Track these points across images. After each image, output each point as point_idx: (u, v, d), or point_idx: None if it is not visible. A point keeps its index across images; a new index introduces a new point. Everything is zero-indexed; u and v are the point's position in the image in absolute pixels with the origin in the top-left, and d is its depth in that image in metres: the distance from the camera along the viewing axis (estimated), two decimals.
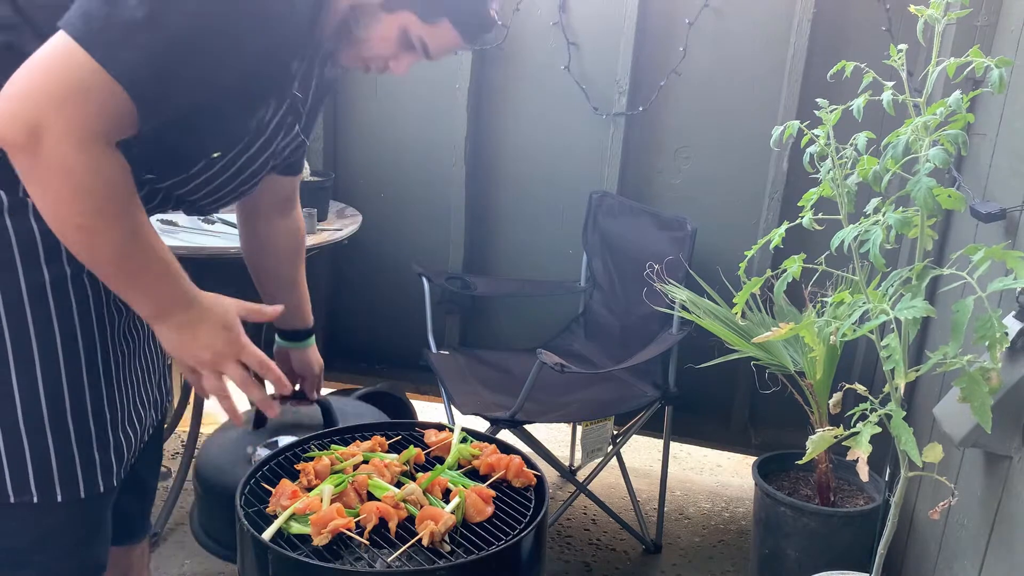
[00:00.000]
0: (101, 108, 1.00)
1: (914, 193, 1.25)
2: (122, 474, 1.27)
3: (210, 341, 1.18)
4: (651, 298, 2.42)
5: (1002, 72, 1.24)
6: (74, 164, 1.00)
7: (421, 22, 1.22)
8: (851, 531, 2.14)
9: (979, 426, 1.24)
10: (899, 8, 2.37)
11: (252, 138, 1.22)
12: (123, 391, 1.27)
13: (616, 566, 2.51)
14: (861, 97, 1.41)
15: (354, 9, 1.20)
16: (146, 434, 1.35)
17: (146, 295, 1.14)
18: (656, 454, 3.10)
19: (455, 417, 2.37)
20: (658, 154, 2.71)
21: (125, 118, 1.03)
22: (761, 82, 2.55)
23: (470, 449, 1.48)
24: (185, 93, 1.07)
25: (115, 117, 1.02)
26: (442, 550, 1.23)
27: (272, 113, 1.24)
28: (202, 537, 1.62)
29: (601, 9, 2.63)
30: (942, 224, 2.21)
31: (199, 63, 1.05)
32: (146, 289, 1.13)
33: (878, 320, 1.31)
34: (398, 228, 2.98)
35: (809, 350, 2.09)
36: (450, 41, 1.25)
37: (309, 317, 1.70)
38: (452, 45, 1.26)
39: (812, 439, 1.45)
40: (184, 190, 1.24)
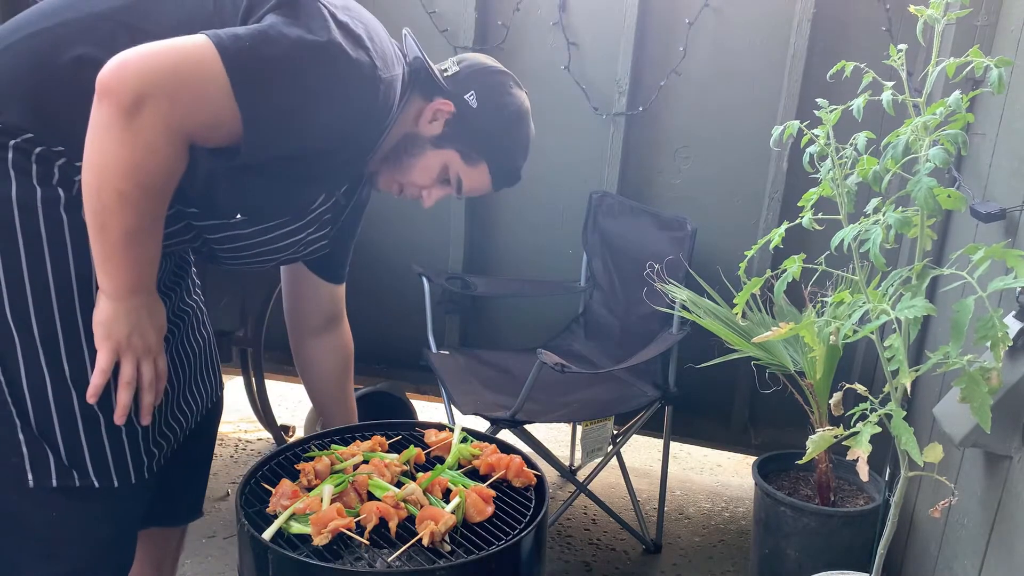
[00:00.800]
0: (208, 117, 1.10)
1: (914, 193, 1.25)
2: (154, 467, 1.31)
3: (144, 332, 1.23)
4: (651, 298, 2.42)
5: (1001, 72, 1.24)
6: (156, 147, 1.08)
7: (463, 162, 1.40)
8: (851, 531, 2.14)
9: (979, 426, 1.24)
10: (899, 8, 2.37)
11: (291, 219, 1.33)
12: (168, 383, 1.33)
13: (616, 566, 2.51)
14: (861, 97, 1.41)
15: (407, 137, 1.37)
16: (192, 422, 1.43)
17: (129, 270, 1.18)
18: (656, 454, 3.10)
19: (455, 417, 2.37)
20: (658, 154, 2.71)
21: (221, 133, 1.12)
22: (761, 82, 2.55)
23: (470, 449, 1.48)
24: (283, 145, 1.18)
25: (214, 128, 1.11)
26: (442, 550, 1.23)
27: (319, 204, 1.36)
28: None
29: (601, 9, 2.63)
30: (942, 224, 2.21)
31: (308, 122, 1.16)
32: (132, 265, 1.18)
33: (879, 321, 1.31)
34: (398, 228, 2.98)
35: (809, 350, 2.09)
36: (482, 184, 1.44)
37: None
38: (482, 188, 1.44)
39: (812, 439, 1.45)
40: (214, 236, 1.32)
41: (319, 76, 1.14)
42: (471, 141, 1.39)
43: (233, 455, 2.96)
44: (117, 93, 1.05)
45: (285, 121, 1.15)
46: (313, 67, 1.14)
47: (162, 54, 1.07)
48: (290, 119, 1.15)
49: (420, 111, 1.37)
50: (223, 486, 2.75)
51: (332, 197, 1.39)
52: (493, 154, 1.42)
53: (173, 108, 1.07)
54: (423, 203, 1.44)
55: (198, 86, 1.08)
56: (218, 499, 2.68)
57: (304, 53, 1.13)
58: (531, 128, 1.48)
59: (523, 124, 1.46)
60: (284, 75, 1.12)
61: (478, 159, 1.41)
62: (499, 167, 1.43)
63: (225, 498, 2.69)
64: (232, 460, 2.93)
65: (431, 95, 1.37)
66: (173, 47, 1.08)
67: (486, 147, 1.41)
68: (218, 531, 2.51)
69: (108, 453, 1.24)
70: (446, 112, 1.37)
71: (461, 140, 1.38)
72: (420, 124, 1.37)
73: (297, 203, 1.34)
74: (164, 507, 1.47)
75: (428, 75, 1.36)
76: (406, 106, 1.35)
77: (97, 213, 1.12)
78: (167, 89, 1.06)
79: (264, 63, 1.11)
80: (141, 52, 1.06)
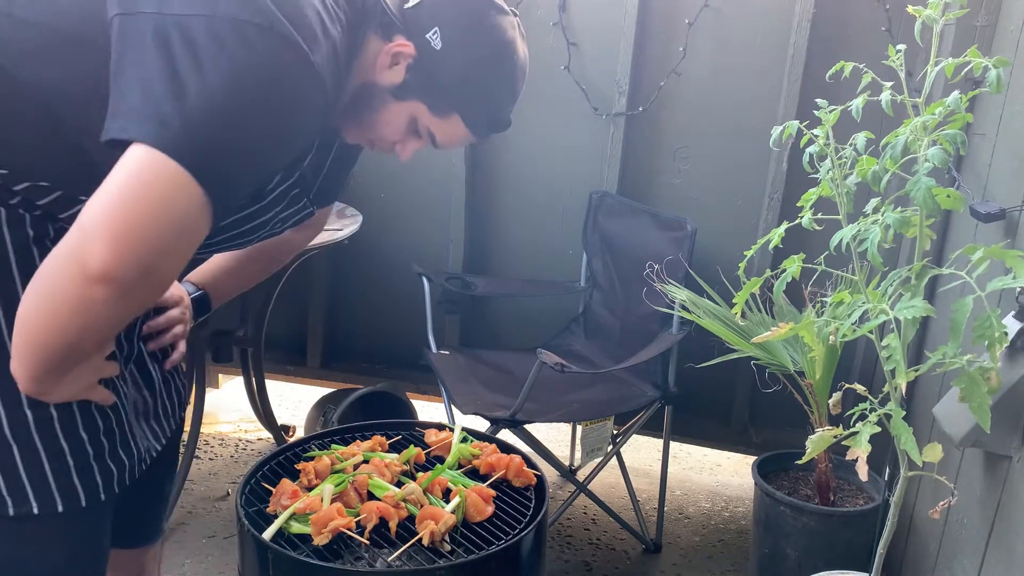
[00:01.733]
0: (200, 235, 0.97)
1: (913, 193, 1.26)
2: (126, 481, 1.22)
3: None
4: (651, 298, 2.42)
5: (1000, 72, 1.24)
6: (154, 297, 0.98)
7: (431, 113, 1.19)
8: (851, 531, 2.14)
9: (979, 426, 1.24)
10: (898, 8, 2.37)
11: (247, 202, 1.18)
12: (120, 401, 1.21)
13: (616, 566, 2.51)
14: (860, 97, 1.41)
15: (364, 88, 1.17)
16: (158, 444, 1.31)
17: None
18: (656, 454, 3.10)
19: (455, 417, 2.37)
20: (658, 154, 2.71)
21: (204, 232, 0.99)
22: (760, 82, 2.55)
23: (470, 449, 1.48)
24: (241, 199, 1.06)
25: (201, 238, 0.99)
26: (442, 550, 1.23)
27: (276, 183, 1.20)
28: None
29: (601, 9, 2.63)
30: (941, 224, 2.21)
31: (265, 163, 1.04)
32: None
33: (878, 320, 1.31)
34: (398, 228, 2.98)
35: (809, 350, 2.09)
36: (459, 135, 1.23)
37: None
38: (461, 139, 1.24)
39: (812, 439, 1.45)
40: None
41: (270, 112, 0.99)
42: (436, 91, 1.17)
43: (233, 455, 2.96)
44: (128, 270, 0.91)
45: (244, 180, 1.02)
46: (263, 111, 0.98)
47: (133, 205, 0.91)
48: (248, 175, 1.02)
49: (376, 54, 1.15)
50: (223, 486, 2.75)
51: (293, 174, 1.21)
52: (465, 104, 1.19)
53: (177, 259, 0.96)
54: (399, 158, 1.26)
55: (183, 219, 0.94)
56: (218, 499, 2.68)
57: (247, 102, 0.95)
58: (517, 65, 1.21)
59: (503, 64, 1.20)
60: (240, 139, 0.97)
61: (448, 110, 1.19)
62: (475, 118, 1.21)
63: (225, 498, 2.69)
64: (232, 460, 2.93)
65: (390, 34, 1.15)
66: (128, 186, 0.91)
67: (455, 97, 1.18)
68: (218, 531, 2.51)
69: (50, 477, 1.13)
70: (406, 55, 1.15)
71: (425, 90, 1.17)
72: (378, 71, 1.16)
73: (252, 192, 1.18)
74: (124, 528, 1.36)
75: (384, 10, 1.14)
76: (361, 51, 1.14)
77: (33, 353, 0.99)
78: (167, 244, 0.93)
79: (223, 144, 0.95)
80: (123, 221, 0.90)
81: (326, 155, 1.31)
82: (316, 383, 3.18)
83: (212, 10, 0.95)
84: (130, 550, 1.44)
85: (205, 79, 0.93)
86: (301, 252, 2.43)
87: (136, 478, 1.25)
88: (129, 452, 1.22)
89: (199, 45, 0.94)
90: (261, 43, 0.96)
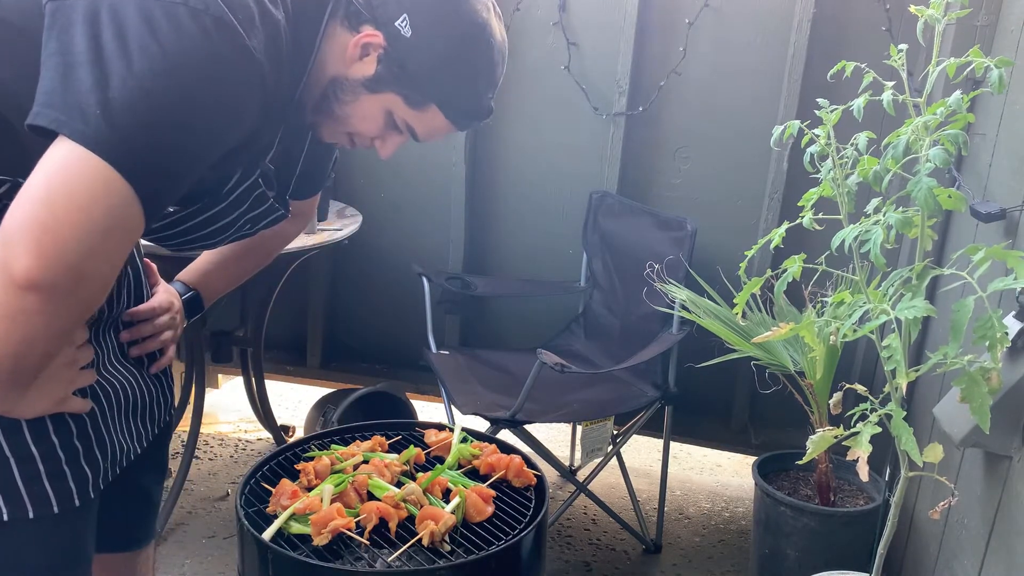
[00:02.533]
0: (131, 230, 0.92)
1: (914, 193, 1.25)
2: (100, 486, 1.18)
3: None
4: (651, 298, 2.42)
5: (1002, 72, 1.24)
6: (94, 302, 0.93)
7: (407, 105, 1.13)
8: (851, 531, 2.14)
9: (979, 426, 1.24)
10: (899, 8, 2.37)
11: (207, 204, 1.14)
12: (95, 400, 1.17)
13: (616, 566, 2.51)
14: (861, 97, 1.41)
15: (334, 82, 1.11)
16: (137, 446, 1.26)
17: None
18: (656, 454, 3.10)
19: (455, 417, 2.37)
20: (658, 154, 2.71)
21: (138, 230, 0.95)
22: (761, 82, 2.55)
23: (470, 449, 1.48)
24: (175, 192, 1.00)
25: (135, 237, 0.95)
26: (442, 550, 1.23)
27: (234, 184, 1.14)
28: None
29: (601, 9, 2.63)
30: (942, 224, 2.21)
31: (187, 160, 0.97)
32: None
33: (878, 320, 1.31)
34: (398, 228, 2.98)
35: (809, 350, 2.09)
36: (439, 126, 1.17)
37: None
38: (442, 130, 1.18)
39: (812, 439, 1.45)
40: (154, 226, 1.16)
41: (202, 100, 0.94)
42: (410, 81, 1.10)
43: (233, 455, 2.96)
44: (55, 275, 0.87)
45: (179, 176, 0.97)
46: (196, 97, 0.93)
47: (57, 206, 0.87)
48: (180, 173, 0.97)
49: (345, 46, 1.10)
50: (223, 486, 2.75)
51: (252, 172, 1.15)
52: (441, 94, 1.13)
53: (112, 258, 0.92)
54: (379, 154, 1.21)
55: (116, 216, 0.90)
56: (218, 499, 2.68)
57: (183, 86, 0.91)
58: (495, 48, 1.14)
59: (478, 47, 1.13)
60: (171, 129, 0.93)
61: (425, 102, 1.13)
62: (453, 107, 1.15)
63: (225, 498, 2.69)
64: (232, 460, 2.93)
65: (357, 24, 1.09)
66: (56, 185, 0.87)
67: (430, 86, 1.11)
68: (218, 531, 2.51)
69: (19, 483, 1.09)
70: (376, 46, 1.09)
71: (398, 81, 1.10)
72: (347, 64, 1.10)
73: (206, 189, 1.13)
74: (111, 532, 1.33)
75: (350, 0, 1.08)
76: (324, 42, 1.10)
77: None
78: (95, 244, 0.88)
79: (149, 136, 0.91)
80: (46, 224, 0.86)
81: (297, 153, 1.27)
82: (316, 383, 3.18)
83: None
84: (121, 554, 1.43)
85: (131, 66, 0.89)
86: (301, 252, 2.44)
87: (116, 481, 1.22)
88: (105, 454, 1.18)
89: (128, 29, 0.90)
90: (193, 26, 0.91)
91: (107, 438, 1.19)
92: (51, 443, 1.11)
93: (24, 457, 1.09)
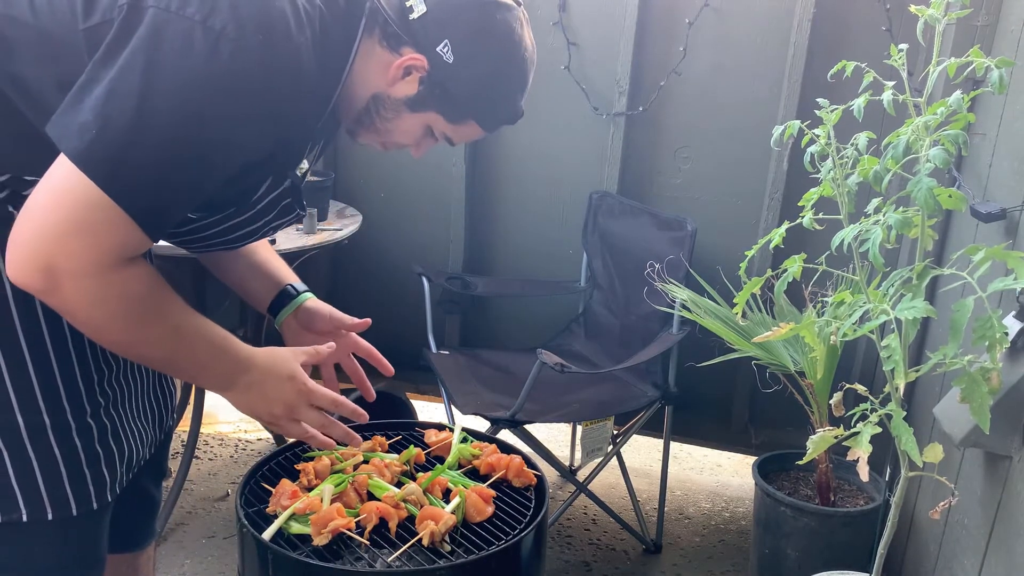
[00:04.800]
0: (110, 235, 0.97)
1: (914, 193, 1.25)
2: (117, 489, 1.21)
3: (278, 395, 1.20)
4: (651, 298, 2.42)
5: (1002, 72, 1.24)
6: (97, 295, 0.99)
7: (446, 121, 1.20)
8: (851, 531, 2.14)
9: (979, 426, 1.24)
10: (899, 8, 2.37)
11: (234, 212, 1.17)
12: (113, 406, 1.21)
13: (616, 566, 2.51)
14: (862, 97, 1.41)
15: (376, 100, 1.17)
16: (148, 451, 1.31)
17: (200, 376, 1.16)
18: (656, 454, 3.10)
19: (455, 417, 2.37)
20: (658, 154, 2.71)
21: (134, 238, 0.99)
22: (761, 82, 2.55)
23: (470, 449, 1.48)
24: (187, 204, 1.05)
25: (126, 240, 0.99)
26: (442, 550, 1.23)
27: (264, 192, 1.18)
28: None
29: (601, 9, 2.63)
30: (942, 224, 2.21)
31: (196, 175, 1.01)
32: (199, 372, 1.15)
33: (878, 320, 1.31)
34: (398, 228, 2.97)
35: (809, 350, 2.09)
36: (474, 134, 1.24)
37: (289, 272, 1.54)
38: (475, 136, 1.25)
39: (812, 439, 1.45)
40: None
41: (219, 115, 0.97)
42: (451, 102, 1.16)
43: (233, 455, 2.96)
44: (31, 283, 0.96)
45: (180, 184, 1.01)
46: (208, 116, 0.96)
47: (35, 212, 0.95)
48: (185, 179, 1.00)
49: (387, 66, 1.13)
50: (223, 486, 2.75)
51: (281, 183, 1.18)
52: (481, 110, 1.20)
53: (79, 256, 0.95)
54: (412, 154, 1.28)
55: (81, 217, 0.95)
56: (218, 499, 2.68)
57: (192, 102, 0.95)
58: (527, 59, 1.21)
59: (514, 64, 1.19)
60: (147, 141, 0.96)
61: (464, 117, 1.19)
62: (491, 118, 1.22)
63: (225, 498, 2.69)
64: (232, 460, 2.93)
65: (397, 46, 1.13)
66: (41, 193, 0.95)
67: (471, 105, 1.18)
68: (218, 531, 2.51)
69: (41, 484, 1.12)
70: (420, 69, 1.13)
71: (440, 102, 1.16)
72: (389, 83, 1.15)
73: (234, 199, 1.15)
74: (113, 533, 1.34)
75: (387, 21, 1.12)
76: (359, 60, 1.13)
77: (130, 357, 1.12)
78: (59, 243, 0.94)
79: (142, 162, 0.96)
80: (20, 221, 0.96)
81: (316, 155, 1.32)
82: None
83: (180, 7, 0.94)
84: (122, 554, 1.44)
85: (139, 85, 0.93)
86: (301, 252, 2.44)
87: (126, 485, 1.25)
88: (123, 458, 1.21)
89: (147, 49, 0.94)
90: (206, 47, 0.94)
91: (124, 442, 1.22)
92: (73, 445, 1.14)
93: (47, 459, 1.12)
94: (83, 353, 1.14)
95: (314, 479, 1.35)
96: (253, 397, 1.18)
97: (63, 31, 1.00)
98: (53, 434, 1.11)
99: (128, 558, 1.47)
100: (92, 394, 1.16)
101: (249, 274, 1.44)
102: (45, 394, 1.10)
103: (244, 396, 1.18)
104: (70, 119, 0.95)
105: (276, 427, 1.24)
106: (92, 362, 1.16)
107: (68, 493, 1.14)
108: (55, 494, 1.13)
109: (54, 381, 1.11)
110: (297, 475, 1.36)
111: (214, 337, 1.13)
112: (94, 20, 0.98)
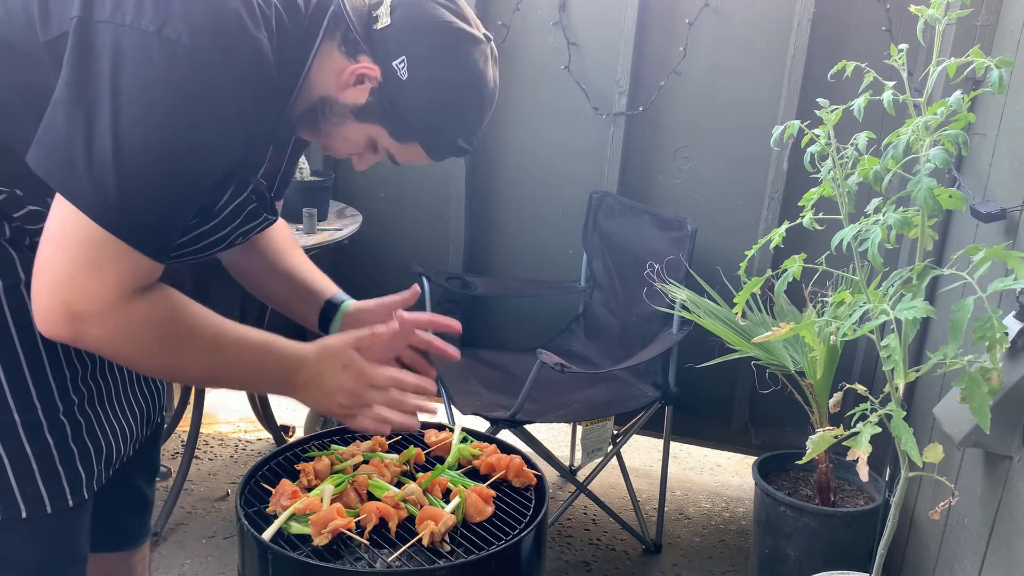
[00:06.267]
0: (118, 269, 0.98)
1: (915, 193, 1.25)
2: (94, 487, 1.19)
3: (337, 386, 1.19)
4: (651, 298, 2.42)
5: (1002, 72, 1.24)
6: (123, 329, 1.00)
7: (391, 138, 1.17)
8: (851, 531, 2.14)
9: (979, 426, 1.24)
10: (899, 8, 2.37)
11: (199, 221, 1.16)
12: (89, 403, 1.19)
13: (616, 566, 2.51)
14: (862, 97, 1.41)
15: (324, 102, 1.14)
16: (131, 448, 1.29)
17: (256, 383, 1.17)
18: (656, 454, 3.10)
19: (455, 417, 2.37)
20: (658, 154, 2.71)
21: (142, 265, 1.00)
22: (761, 81, 2.55)
23: (470, 449, 1.48)
24: (181, 221, 1.05)
25: (135, 269, 1.00)
26: (442, 550, 1.23)
27: (227, 201, 1.16)
28: None
29: (601, 9, 2.63)
30: (942, 224, 2.21)
31: (184, 189, 1.02)
32: (253, 380, 1.16)
33: (878, 320, 1.31)
34: (398, 228, 2.97)
35: (809, 350, 2.09)
36: (418, 158, 1.21)
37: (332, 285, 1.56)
38: (419, 160, 1.22)
39: (812, 439, 1.45)
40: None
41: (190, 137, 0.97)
42: (398, 119, 1.14)
43: (233, 455, 2.96)
44: (59, 334, 0.98)
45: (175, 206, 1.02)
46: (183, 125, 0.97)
47: (50, 259, 0.97)
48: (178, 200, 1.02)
49: (341, 71, 1.11)
50: (223, 486, 2.75)
51: (245, 189, 1.16)
52: (428, 135, 1.16)
53: (96, 298, 0.97)
54: (354, 167, 1.26)
55: (89, 259, 0.96)
56: (218, 499, 2.68)
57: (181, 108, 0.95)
58: (485, 97, 1.18)
59: (470, 98, 1.16)
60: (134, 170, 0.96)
61: (409, 138, 1.17)
62: (437, 146, 1.19)
63: (225, 498, 2.69)
64: (232, 460, 2.93)
65: (355, 53, 1.11)
66: (50, 238, 0.97)
67: (418, 128, 1.15)
68: (218, 531, 2.51)
69: (13, 482, 1.12)
70: (372, 79, 1.11)
71: (386, 117, 1.14)
72: (341, 88, 1.12)
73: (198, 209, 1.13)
74: (105, 532, 1.35)
75: (349, 27, 1.10)
76: (316, 60, 1.11)
77: (177, 380, 1.11)
78: (75, 289, 0.96)
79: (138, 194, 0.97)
80: (38, 269, 0.97)
81: (281, 159, 1.29)
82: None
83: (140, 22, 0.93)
84: (116, 553, 1.43)
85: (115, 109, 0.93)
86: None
87: (109, 481, 1.23)
88: (100, 455, 1.20)
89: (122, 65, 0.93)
90: (164, 60, 0.94)
91: (101, 439, 1.21)
92: (45, 442, 1.12)
93: (18, 456, 1.10)
94: (54, 351, 1.13)
95: (314, 479, 1.35)
96: (315, 393, 1.18)
97: (23, 40, 0.99)
98: (24, 432, 1.10)
99: (122, 557, 1.47)
100: (65, 391, 1.14)
101: (294, 296, 1.48)
102: (14, 391, 1.09)
103: (307, 394, 1.18)
104: (53, 155, 0.95)
105: (352, 422, 1.22)
106: (64, 359, 1.14)
107: (42, 491, 1.13)
108: (28, 492, 1.12)
109: (23, 378, 1.10)
110: (297, 475, 1.36)
111: (257, 343, 1.13)
112: (52, 33, 0.97)
